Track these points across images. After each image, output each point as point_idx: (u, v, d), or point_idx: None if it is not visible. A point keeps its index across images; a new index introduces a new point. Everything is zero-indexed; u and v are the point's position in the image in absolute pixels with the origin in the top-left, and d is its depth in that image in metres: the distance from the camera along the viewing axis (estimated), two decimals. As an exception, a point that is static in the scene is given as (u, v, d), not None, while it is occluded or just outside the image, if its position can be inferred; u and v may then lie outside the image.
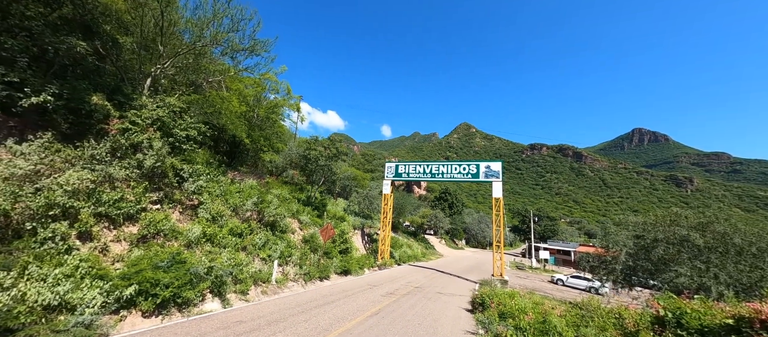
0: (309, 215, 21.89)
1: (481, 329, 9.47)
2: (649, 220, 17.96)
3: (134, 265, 8.33)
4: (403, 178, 28.86)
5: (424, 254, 40.83)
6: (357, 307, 11.30)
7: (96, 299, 6.99)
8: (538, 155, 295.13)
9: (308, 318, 9.28)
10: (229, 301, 10.27)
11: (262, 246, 14.33)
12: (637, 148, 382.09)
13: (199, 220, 12.04)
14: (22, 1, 9.39)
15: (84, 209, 8.41)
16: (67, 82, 9.51)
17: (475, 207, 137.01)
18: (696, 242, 15.00)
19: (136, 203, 9.93)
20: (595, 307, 8.89)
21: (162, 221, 10.25)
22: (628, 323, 7.70)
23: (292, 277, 14.87)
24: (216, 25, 13.55)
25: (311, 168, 25.69)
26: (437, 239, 63.95)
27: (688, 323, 5.54)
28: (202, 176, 12.81)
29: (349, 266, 19.51)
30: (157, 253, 9.21)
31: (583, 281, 27.42)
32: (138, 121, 10.95)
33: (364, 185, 45.47)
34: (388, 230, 27.85)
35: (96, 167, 9.19)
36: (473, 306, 13.06)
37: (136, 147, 10.78)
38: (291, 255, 15.76)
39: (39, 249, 7.09)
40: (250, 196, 15.69)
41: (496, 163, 25.13)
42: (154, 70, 13.53)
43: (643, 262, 16.86)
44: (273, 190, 21.14)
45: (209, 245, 11.55)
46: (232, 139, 23.41)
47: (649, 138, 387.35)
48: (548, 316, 8.05)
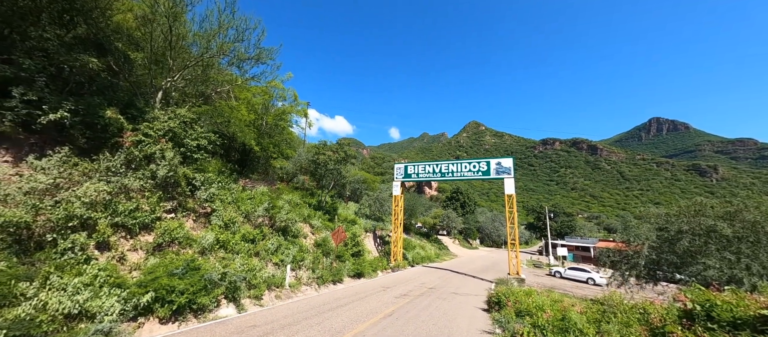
0: (320, 219, 21.99)
1: (498, 328, 9.20)
2: (672, 211, 17.22)
3: (150, 273, 8.51)
4: (413, 179, 28.67)
5: (438, 254, 40.36)
6: (370, 309, 11.20)
7: (114, 307, 7.16)
8: (551, 150, 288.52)
9: (321, 321, 9.25)
10: (243, 306, 10.36)
11: (274, 251, 14.45)
12: (655, 138, 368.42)
13: (212, 227, 12.25)
14: (40, 24, 9.85)
15: (101, 219, 8.68)
16: (83, 98, 9.89)
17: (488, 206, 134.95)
18: (724, 232, 14.28)
19: (151, 212, 10.18)
20: (618, 302, 8.50)
21: (176, 229, 10.47)
22: (654, 318, 7.31)
23: (305, 281, 14.92)
24: (222, 36, 13.87)
25: (321, 173, 25.84)
26: (450, 239, 63.18)
27: (719, 316, 5.19)
28: (214, 184, 13.06)
29: (361, 269, 19.44)
30: (172, 260, 9.39)
31: (581, 273, 28.23)
32: (150, 133, 11.26)
33: (375, 188, 45.49)
34: (400, 231, 27.68)
35: (112, 179, 9.49)
36: (489, 305, 12.75)
37: (149, 158, 11.08)
38: (303, 259, 15.83)
39: (60, 259, 7.33)
40: (261, 202, 15.87)
41: (507, 160, 24.64)
42: (165, 83, 13.93)
43: (667, 255, 16.15)
44: (284, 195, 21.35)
45: (222, 251, 11.72)
46: (242, 148, 23.85)
47: (667, 127, 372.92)
48: (568, 313, 7.73)
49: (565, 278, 29.24)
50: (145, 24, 13.06)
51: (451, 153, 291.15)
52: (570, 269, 30.02)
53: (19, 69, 8.52)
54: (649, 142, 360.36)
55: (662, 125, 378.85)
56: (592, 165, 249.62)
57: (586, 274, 28.07)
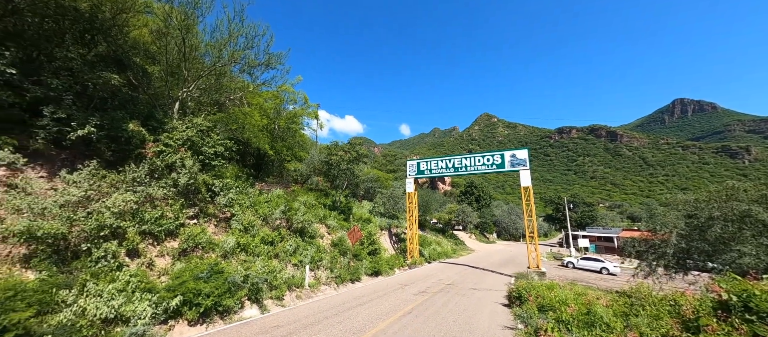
0: (335, 219, 22.25)
1: (520, 324, 9.05)
2: (702, 197, 16.39)
3: (177, 277, 8.87)
4: (426, 175, 28.51)
5: (454, 250, 40.06)
6: (390, 306, 11.27)
7: (146, 311, 7.52)
8: (568, 139, 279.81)
9: (342, 320, 9.38)
10: (266, 307, 10.65)
11: (293, 252, 14.74)
12: (679, 120, 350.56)
13: (232, 231, 12.63)
14: (64, 45, 10.39)
15: (130, 228, 9.11)
16: (107, 113, 10.37)
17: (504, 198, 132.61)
18: (759, 216, 13.48)
19: (175, 219, 10.60)
20: (646, 294, 8.18)
21: (199, 235, 10.86)
22: (686, 310, 7.00)
23: (324, 281, 15.15)
24: (232, 44, 14.19)
25: (334, 173, 26.10)
26: (466, 234, 62.54)
27: (758, 307, 4.90)
28: (232, 189, 13.44)
29: (378, 267, 19.56)
30: (196, 265, 9.75)
31: (595, 263, 28.07)
32: (170, 142, 11.70)
33: (388, 186, 45.52)
34: (415, 228, 27.63)
35: (137, 189, 9.93)
36: (510, 301, 12.56)
37: (170, 167, 11.52)
38: (321, 259, 16.08)
39: (94, 267, 7.76)
40: (278, 205, 16.21)
41: (521, 151, 24.08)
42: (181, 93, 14.41)
43: (697, 243, 15.41)
44: (299, 197, 21.74)
45: (243, 254, 12.07)
46: (257, 153, 24.39)
47: (693, 108, 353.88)
48: (593, 306, 7.51)
49: (578, 269, 29.01)
50: (160, 38, 13.53)
51: (464, 147, 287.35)
52: (583, 259, 29.87)
53: (48, 89, 9.02)
54: (673, 125, 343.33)
55: (687, 107, 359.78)
56: (612, 152, 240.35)
57: (600, 263, 27.83)
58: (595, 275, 26.58)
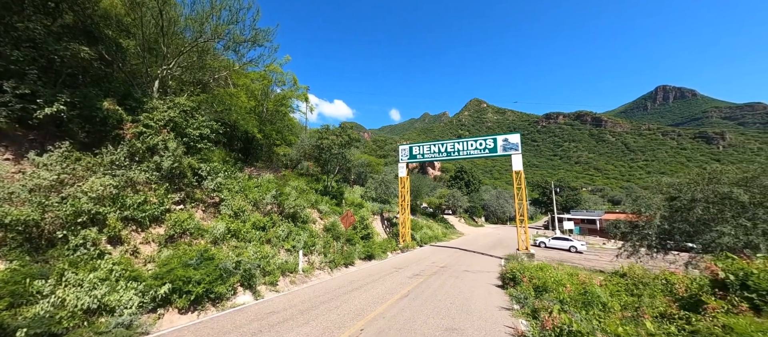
0: (327, 204, 21.96)
1: (516, 304, 9.16)
2: (684, 180, 16.92)
3: (165, 265, 8.45)
4: (418, 159, 28.36)
5: (445, 233, 40.70)
6: (386, 290, 11.23)
7: (132, 300, 7.13)
8: (555, 125, 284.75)
9: (339, 305, 9.26)
10: (259, 293, 10.41)
11: (285, 237, 14.44)
12: (661, 106, 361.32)
13: (222, 216, 12.16)
14: (24, 14, 9.32)
15: (111, 214, 8.53)
16: (78, 91, 9.50)
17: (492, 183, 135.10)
18: (740, 198, 13.99)
19: (160, 204, 10.03)
20: (640, 275, 8.35)
21: (186, 221, 10.36)
22: (679, 288, 7.16)
23: (317, 265, 15.00)
24: (215, 18, 13.18)
25: (325, 158, 25.58)
26: (456, 218, 63.64)
27: (757, 285, 4.97)
28: (220, 173, 12.83)
29: (372, 251, 19.56)
30: (185, 252, 9.33)
31: (565, 242, 30.54)
32: (151, 123, 10.93)
33: (379, 171, 45.32)
34: (408, 212, 27.70)
35: (117, 173, 9.27)
36: (503, 282, 12.75)
37: (152, 150, 10.81)
38: (314, 244, 15.87)
39: (73, 256, 7.24)
40: (269, 190, 15.73)
41: (514, 136, 24.14)
42: (161, 71, 13.42)
43: (680, 224, 15.99)
44: (290, 182, 21.23)
45: (234, 240, 11.68)
46: (245, 136, 23.52)
47: (674, 95, 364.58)
48: (590, 287, 7.61)
49: (549, 247, 31.12)
50: (133, 9, 12.39)
51: (453, 132, 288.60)
52: (554, 239, 32.17)
53: (8, 62, 8.10)
54: (655, 112, 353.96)
55: (669, 93, 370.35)
56: (597, 138, 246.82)
57: (569, 242, 30.25)
58: (579, 255, 27.58)
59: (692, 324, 5.02)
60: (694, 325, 4.86)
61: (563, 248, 30.23)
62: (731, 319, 3.77)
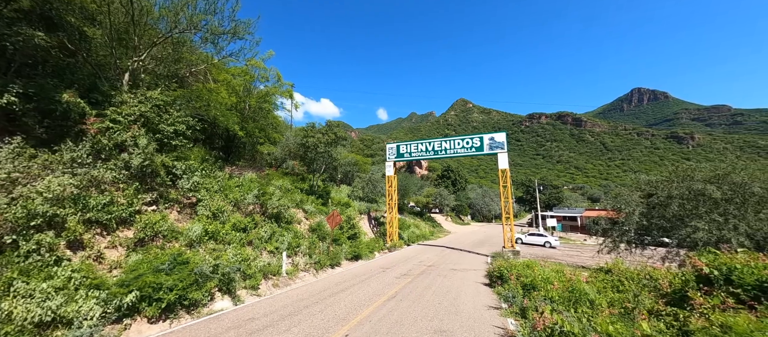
0: (313, 204, 21.42)
1: (504, 303, 9.07)
2: (660, 178, 17.52)
3: (133, 270, 7.80)
4: (406, 158, 28.20)
5: (432, 232, 40.81)
6: (372, 291, 10.91)
7: (93, 311, 6.48)
8: (537, 125, 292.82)
9: (324, 308, 8.87)
10: (239, 297, 9.86)
11: (268, 239, 13.87)
12: (636, 108, 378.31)
13: (199, 218, 11.47)
14: (-30, -5, 8.39)
15: (71, 216, 7.79)
16: (34, 81, 8.64)
17: (478, 182, 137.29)
18: (713, 194, 14.51)
19: (129, 205, 9.30)
20: (624, 270, 8.42)
21: (159, 222, 9.67)
22: (663, 283, 7.23)
23: (302, 267, 14.51)
24: (191, 8, 12.42)
25: (311, 156, 24.96)
26: (443, 216, 64.11)
27: (741, 280, 4.99)
28: (197, 172, 12.11)
29: (359, 251, 19.21)
30: (156, 256, 8.68)
31: (540, 238, 31.95)
32: (119, 118, 10.14)
33: (366, 170, 44.91)
34: (395, 211, 27.48)
35: (78, 171, 8.48)
36: (491, 280, 12.71)
37: (120, 147, 10.03)
38: (299, 245, 15.36)
39: (24, 263, 6.52)
40: (251, 189, 15.07)
41: (500, 134, 24.37)
42: (131, 63, 12.54)
43: (657, 220, 16.47)
44: (274, 181, 20.57)
45: (212, 242, 11.04)
46: (226, 134, 22.59)
47: (648, 97, 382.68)
48: (577, 284, 7.58)
49: (525, 243, 32.23)
50: (99, -5, 11.50)
51: (440, 132, 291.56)
52: (529, 235, 33.41)
53: (-51, 47, 7.24)
54: (631, 113, 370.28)
55: (643, 95, 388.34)
56: (577, 138, 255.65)
57: (544, 238, 31.67)
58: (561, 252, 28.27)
59: (680, 320, 4.99)
60: (683, 321, 4.83)
61: (538, 244, 31.63)
62: (729, 318, 3.71)
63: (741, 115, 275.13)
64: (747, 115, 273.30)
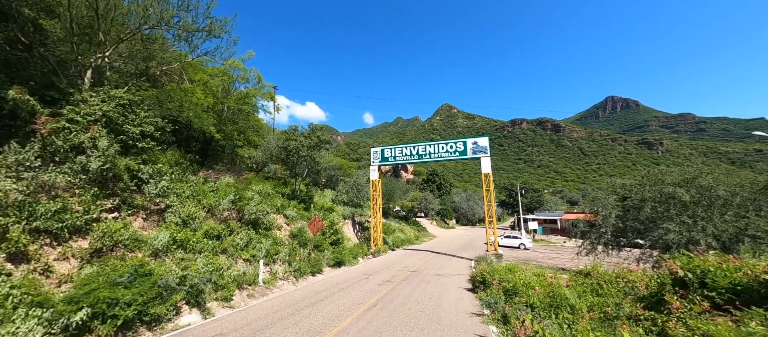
0: (295, 209, 20.78)
1: (487, 310, 8.92)
2: (635, 181, 18.12)
3: (85, 285, 7.07)
4: (390, 162, 28.03)
5: (417, 236, 40.72)
6: (353, 300, 10.51)
7: (34, 332, 5.78)
8: (519, 130, 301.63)
9: (299, 320, 8.39)
10: (209, 310, 9.21)
11: (244, 247, 13.20)
12: (610, 115, 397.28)
13: (167, 225, 10.71)
14: None
15: (13, 225, 7.00)
16: (-26, 75, 7.80)
17: (462, 186, 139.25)
18: (682, 197, 15.06)
19: (85, 212, 8.52)
20: (602, 273, 8.48)
21: (119, 231, 8.90)
22: (640, 286, 7.29)
23: (281, 275, 13.90)
24: (162, 2, 11.74)
25: (293, 160, 24.31)
26: (428, 220, 64.29)
27: (715, 283, 5.03)
28: (166, 176, 11.34)
29: (341, 257, 18.73)
30: (115, 267, 7.95)
31: (514, 240, 33.44)
32: (77, 118, 9.34)
33: (351, 174, 44.39)
34: (379, 216, 27.16)
35: (24, 175, 7.68)
36: (474, 285, 12.59)
37: (78, 148, 9.23)
38: (278, 253, 14.74)
39: (-50, 280, 5.74)
40: (227, 194, 14.36)
41: (483, 139, 24.64)
42: (94, 59, 11.67)
43: (631, 222, 16.97)
44: (254, 186, 19.82)
45: (181, 251, 10.31)
46: (203, 137, 21.65)
47: (621, 105, 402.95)
48: (558, 289, 7.54)
49: (501, 246, 32.69)
50: (58, -15, 10.66)
51: (425, 136, 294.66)
52: (505, 237, 34.51)
53: None
54: (606, 120, 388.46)
55: (616, 103, 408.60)
56: (556, 143, 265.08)
57: (518, 240, 33.34)
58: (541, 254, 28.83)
59: (658, 325, 4.95)
60: (662, 326, 4.78)
61: (513, 246, 32.96)
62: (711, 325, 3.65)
63: (704, 123, 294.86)
64: (709, 123, 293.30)
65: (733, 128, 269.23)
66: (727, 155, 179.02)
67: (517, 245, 32.97)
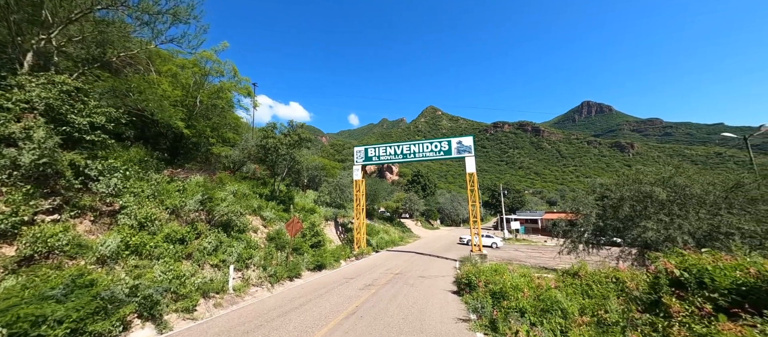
0: (274, 211, 19.67)
1: (473, 315, 8.39)
2: (613, 181, 18.36)
3: (5, 299, 5.92)
4: (374, 162, 27.34)
5: (402, 237, 40.20)
6: (331, 307, 9.72)
7: (-76, 362, 4.65)
8: (501, 133, 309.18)
9: (268, 333, 7.52)
10: (167, 323, 8.15)
11: (213, 251, 12.09)
12: (586, 119, 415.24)
13: (119, 228, 9.50)
14: None
15: None
16: None
17: (446, 187, 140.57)
18: (659, 196, 15.27)
19: (12, 214, 7.27)
20: (591, 273, 8.17)
21: (57, 235, 7.69)
22: (631, 286, 6.97)
23: (254, 281, 12.88)
24: (117, -21, 10.55)
25: (272, 159, 23.11)
26: (413, 221, 64.02)
27: (715, 284, 4.69)
28: (118, 173, 10.08)
29: (322, 260, 17.83)
30: (47, 278, 6.79)
31: (487, 239, 33.52)
32: (8, 105, 8.05)
33: (335, 175, 43.33)
34: (363, 217, 26.39)
35: (-71, 170, 6.40)
36: (459, 287, 12.10)
37: (8, 140, 7.94)
38: (251, 257, 13.68)
39: None
40: (195, 193, 13.17)
41: (467, 138, 24.43)
42: (37, 41, 10.29)
43: (611, 221, 17.11)
44: (229, 186, 18.60)
45: (135, 257, 9.14)
46: (173, 134, 20.14)
47: (595, 109, 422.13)
48: (548, 291, 7.11)
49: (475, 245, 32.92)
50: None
51: (410, 137, 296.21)
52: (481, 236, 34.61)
53: None
54: (582, 123, 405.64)
55: (592, 108, 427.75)
56: (536, 145, 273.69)
57: (491, 239, 33.90)
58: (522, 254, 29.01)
59: (659, 331, 4.54)
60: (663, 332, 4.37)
61: (487, 245, 33.11)
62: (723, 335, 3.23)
63: (671, 128, 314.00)
64: (675, 127, 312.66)
65: (695, 133, 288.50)
66: (690, 158, 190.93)
67: (489, 244, 33.36)
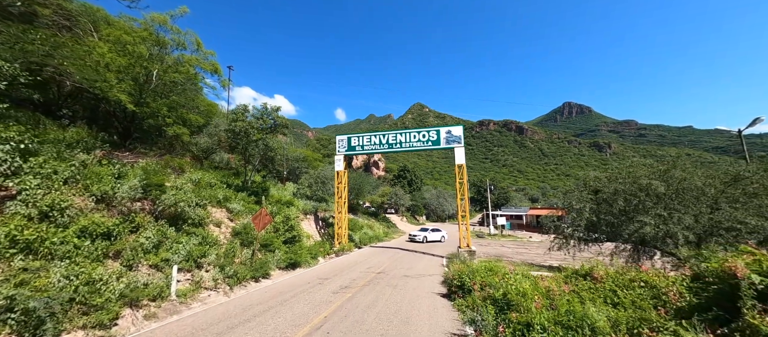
0: (243, 203, 17.43)
1: (470, 328, 6.72)
2: (606, 174, 17.60)
3: None
4: (358, 152, 25.40)
5: (387, 233, 38.62)
6: (294, 317, 7.84)
7: None
8: (486, 131, 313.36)
9: (199, 358, 5.58)
10: (68, 345, 6.05)
11: (152, 248, 9.88)
12: (567, 119, 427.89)
13: (6, 218, 7.18)
14: None
15: None
16: None
17: (432, 184, 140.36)
18: (658, 189, 14.38)
19: None
20: (613, 275, 6.71)
21: None
22: (669, 293, 5.51)
23: (208, 283, 10.78)
24: None
25: (242, 145, 20.72)
26: (399, 217, 62.67)
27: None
28: (7, 145, 7.69)
29: (297, 258, 15.85)
30: None
31: (438, 233, 33.01)
32: None
33: (316, 166, 41.03)
34: (345, 211, 24.46)
35: None
36: (449, 289, 10.48)
37: None
38: (206, 255, 11.54)
39: None
40: (134, 178, 10.86)
41: (457, 128, 22.96)
42: None
43: (605, 216, 16.20)
44: (191, 174, 16.27)
45: (27, 257, 6.90)
46: (124, 114, 17.50)
47: (576, 110, 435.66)
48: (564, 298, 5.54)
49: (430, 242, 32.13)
50: None
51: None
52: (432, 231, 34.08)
53: None
54: (563, 123, 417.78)
55: (572, 109, 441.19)
56: (520, 144, 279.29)
57: (440, 233, 33.28)
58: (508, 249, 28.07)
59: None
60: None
61: (437, 240, 31.94)
62: None
63: (645, 129, 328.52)
64: (649, 129, 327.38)
65: (667, 135, 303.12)
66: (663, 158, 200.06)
67: (439, 239, 32.13)
